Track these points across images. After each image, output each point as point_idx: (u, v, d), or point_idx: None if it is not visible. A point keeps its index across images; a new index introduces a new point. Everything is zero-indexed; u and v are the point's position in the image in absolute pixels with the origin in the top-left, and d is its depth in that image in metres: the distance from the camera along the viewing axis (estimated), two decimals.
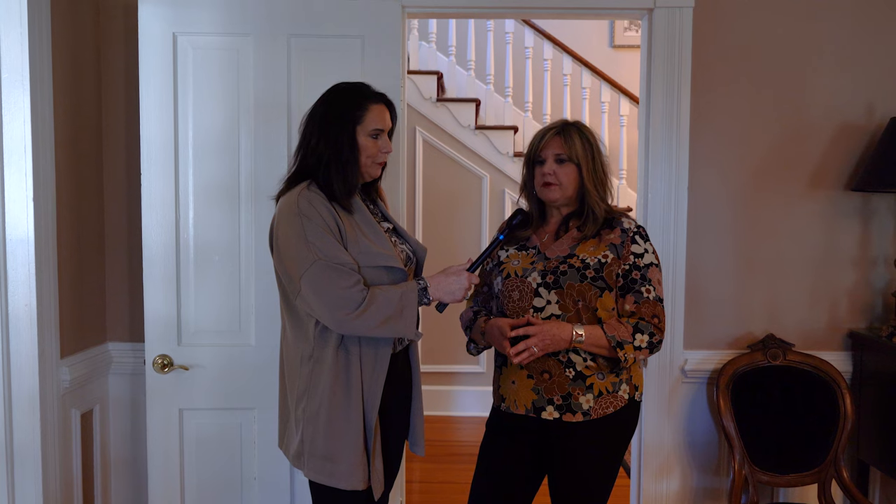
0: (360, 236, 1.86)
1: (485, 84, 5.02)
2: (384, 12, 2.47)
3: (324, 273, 1.78)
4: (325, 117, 1.90)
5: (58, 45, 2.31)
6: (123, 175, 2.61)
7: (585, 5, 2.66)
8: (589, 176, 1.99)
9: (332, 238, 1.81)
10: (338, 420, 1.85)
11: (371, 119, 1.90)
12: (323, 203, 1.84)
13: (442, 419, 4.70)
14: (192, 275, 2.48)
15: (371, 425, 1.87)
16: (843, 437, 2.54)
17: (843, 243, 2.68)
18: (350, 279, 1.79)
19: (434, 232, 4.70)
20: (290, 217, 1.83)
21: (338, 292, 1.78)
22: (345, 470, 1.85)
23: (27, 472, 2.25)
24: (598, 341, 1.90)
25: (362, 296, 1.78)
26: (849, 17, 2.63)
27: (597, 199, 2.00)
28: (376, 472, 1.90)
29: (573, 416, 1.94)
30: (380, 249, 1.87)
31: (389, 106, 1.97)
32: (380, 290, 1.82)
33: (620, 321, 1.93)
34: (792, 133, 2.65)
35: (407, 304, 1.82)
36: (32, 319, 2.22)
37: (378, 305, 1.79)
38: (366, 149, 1.90)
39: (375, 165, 1.94)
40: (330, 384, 1.85)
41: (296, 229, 1.81)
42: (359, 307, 1.77)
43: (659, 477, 2.69)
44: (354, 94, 1.92)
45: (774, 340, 2.64)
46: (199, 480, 2.53)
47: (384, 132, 1.93)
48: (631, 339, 1.90)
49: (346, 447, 1.85)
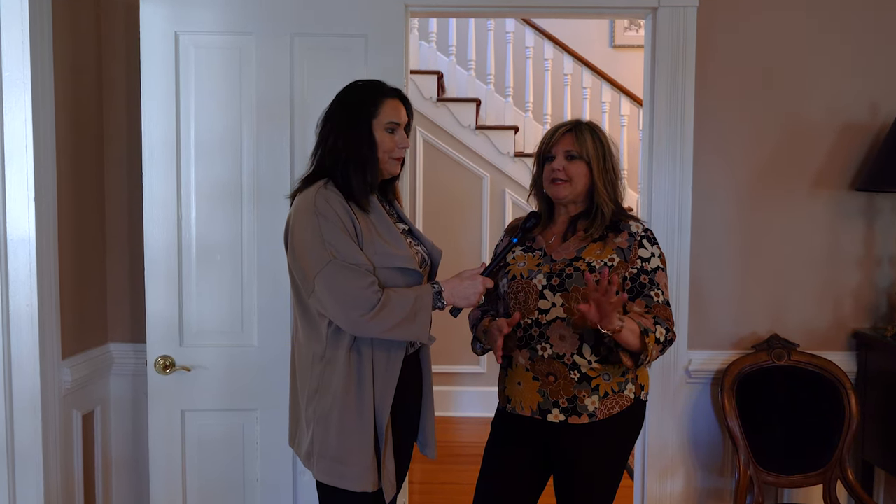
0: (375, 237, 1.84)
1: (485, 84, 5.01)
2: (387, 11, 2.46)
3: (339, 273, 1.76)
4: (342, 115, 1.89)
5: (59, 44, 2.29)
6: (125, 175, 2.60)
7: (588, 4, 2.65)
8: (599, 174, 1.97)
9: (349, 238, 1.79)
10: (349, 421, 1.83)
11: (386, 112, 1.89)
12: (340, 202, 1.82)
13: (443, 420, 4.69)
14: (194, 275, 2.46)
15: (382, 427, 1.86)
16: (849, 437, 2.53)
17: (847, 243, 2.67)
18: (365, 280, 1.77)
19: (435, 232, 4.66)
20: (307, 215, 1.81)
21: (353, 292, 1.76)
22: (355, 472, 1.83)
23: (28, 473, 2.23)
24: (632, 327, 1.81)
25: (377, 297, 1.76)
26: (853, 17, 2.62)
27: (606, 198, 1.98)
28: (388, 475, 1.88)
29: (579, 418, 1.93)
30: (395, 251, 1.85)
31: (405, 101, 1.96)
32: (395, 292, 1.80)
33: (640, 314, 1.89)
34: (796, 132, 2.64)
35: (421, 308, 1.80)
36: (34, 320, 2.21)
37: (392, 308, 1.77)
38: (382, 143, 1.88)
39: (393, 161, 1.92)
40: (342, 385, 1.83)
41: (312, 228, 1.79)
42: (373, 308, 1.76)
43: (663, 477, 2.68)
44: (369, 90, 1.91)
45: (779, 340, 2.63)
46: (200, 482, 2.51)
47: (400, 126, 1.92)
48: (654, 329, 1.86)
49: (357, 449, 1.83)
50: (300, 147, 2.43)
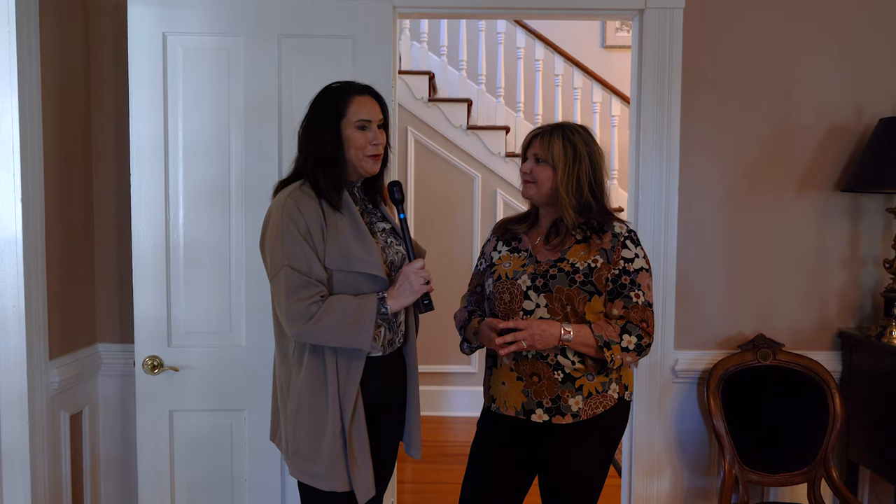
0: (343, 238, 1.84)
1: (476, 84, 5.02)
2: (375, 12, 2.46)
3: (286, 281, 1.80)
4: (311, 116, 1.91)
5: (46, 44, 2.29)
6: (113, 175, 2.60)
7: (576, 6, 2.66)
8: (563, 180, 1.97)
9: (308, 246, 1.80)
10: (315, 421, 1.84)
11: (355, 110, 1.87)
12: (311, 203, 1.84)
13: (434, 419, 4.70)
14: (182, 276, 2.47)
15: (347, 427, 1.85)
16: (833, 436, 2.55)
17: (832, 243, 2.69)
18: (307, 291, 1.79)
19: (426, 232, 4.70)
20: (276, 216, 1.85)
21: (293, 304, 1.79)
22: (322, 472, 1.84)
23: (15, 474, 2.23)
24: (585, 340, 1.90)
25: (312, 311, 1.78)
26: (838, 19, 2.64)
27: (567, 205, 1.97)
28: (360, 476, 1.86)
29: (563, 418, 1.95)
30: (360, 254, 1.84)
31: (378, 98, 1.94)
32: (337, 301, 1.80)
33: (609, 322, 1.94)
34: (782, 134, 2.66)
35: (363, 317, 1.80)
36: (21, 321, 2.21)
37: (329, 319, 1.78)
38: (353, 141, 1.87)
39: (367, 158, 1.89)
40: (308, 384, 1.85)
41: (277, 230, 1.83)
42: (308, 320, 1.78)
43: (650, 477, 2.69)
44: (338, 90, 1.91)
45: (765, 340, 2.65)
46: (189, 482, 2.52)
47: (372, 123, 1.89)
48: (618, 340, 1.90)
49: (324, 448, 1.84)
50: (288, 148, 2.43)
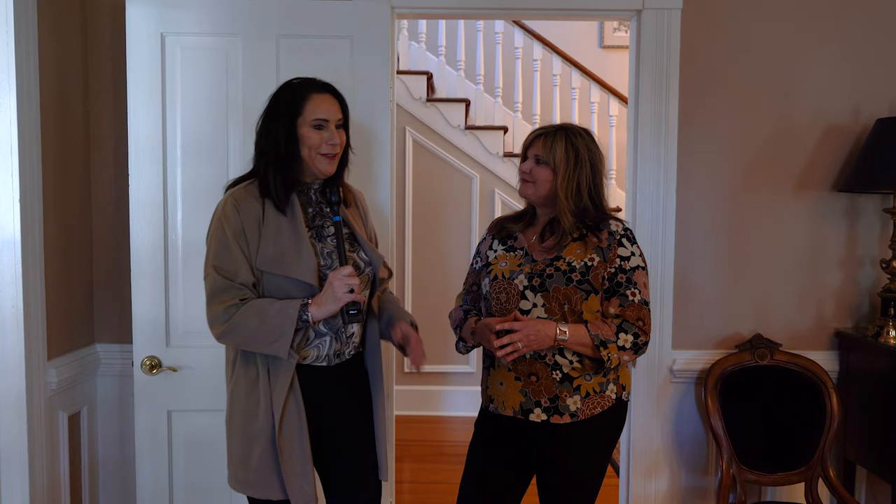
0: (279, 241, 1.81)
1: (474, 84, 5.02)
2: (373, 13, 2.47)
3: (211, 283, 1.82)
4: (267, 114, 1.87)
5: (44, 44, 2.29)
6: (111, 176, 2.60)
7: (574, 6, 2.67)
8: (563, 183, 1.97)
9: (237, 247, 1.80)
10: (247, 428, 1.83)
11: (312, 109, 1.82)
12: (252, 204, 1.83)
13: (432, 419, 4.71)
14: (181, 276, 2.47)
15: (276, 435, 1.80)
16: (830, 436, 2.56)
17: (830, 244, 2.70)
18: (229, 294, 1.79)
19: (424, 232, 4.71)
20: (215, 215, 1.86)
21: (213, 307, 1.80)
22: (254, 479, 1.82)
23: (13, 474, 2.23)
24: (582, 340, 1.90)
25: (231, 312, 1.78)
26: (836, 21, 2.64)
27: (565, 208, 1.97)
28: (296, 485, 1.81)
29: (560, 417, 1.95)
30: (292, 259, 1.80)
31: (338, 97, 1.89)
32: (259, 304, 1.79)
33: (605, 321, 1.94)
34: (779, 134, 2.67)
35: (282, 322, 1.76)
36: (19, 321, 2.21)
37: (247, 322, 1.77)
38: (308, 139, 1.81)
39: (322, 158, 1.83)
40: (240, 391, 1.86)
41: (212, 229, 1.85)
42: (224, 324, 1.78)
43: (647, 476, 2.70)
44: (297, 86, 1.86)
45: (762, 340, 2.65)
46: (187, 482, 2.52)
47: (330, 122, 1.83)
48: (615, 339, 1.91)
49: (254, 455, 1.81)
50: None
